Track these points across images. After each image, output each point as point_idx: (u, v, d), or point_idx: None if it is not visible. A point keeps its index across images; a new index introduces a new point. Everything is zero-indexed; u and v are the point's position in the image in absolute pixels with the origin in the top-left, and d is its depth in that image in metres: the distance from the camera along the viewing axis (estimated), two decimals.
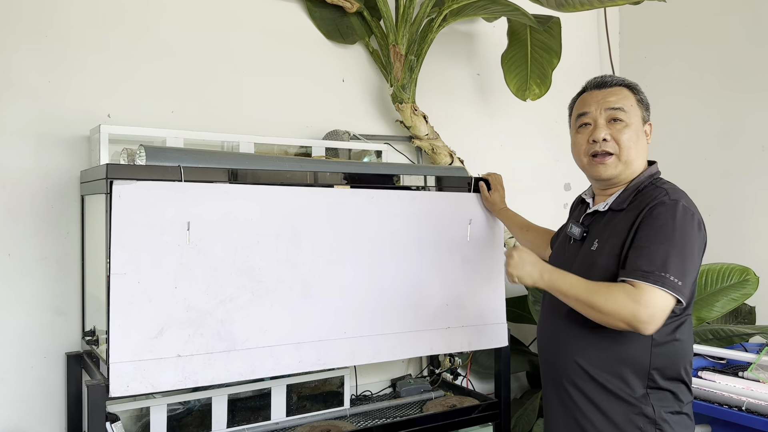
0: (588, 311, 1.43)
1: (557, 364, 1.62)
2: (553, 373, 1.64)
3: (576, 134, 1.65)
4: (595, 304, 1.41)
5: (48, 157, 2.06)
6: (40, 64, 2.06)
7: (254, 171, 1.82)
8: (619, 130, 1.56)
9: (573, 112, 1.69)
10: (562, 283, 1.47)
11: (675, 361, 1.51)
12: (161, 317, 1.66)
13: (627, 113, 1.57)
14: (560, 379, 1.61)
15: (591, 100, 1.61)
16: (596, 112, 1.59)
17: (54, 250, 2.06)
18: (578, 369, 1.56)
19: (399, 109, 2.51)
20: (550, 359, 1.67)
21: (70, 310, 2.07)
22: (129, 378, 1.62)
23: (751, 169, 2.82)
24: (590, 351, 1.55)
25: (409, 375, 2.64)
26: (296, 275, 1.86)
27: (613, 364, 1.51)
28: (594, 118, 1.59)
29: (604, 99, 1.59)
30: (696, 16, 3.05)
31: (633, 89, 1.62)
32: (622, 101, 1.58)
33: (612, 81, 1.62)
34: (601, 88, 1.62)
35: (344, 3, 2.49)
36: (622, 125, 1.57)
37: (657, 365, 1.49)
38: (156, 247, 1.65)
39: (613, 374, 1.51)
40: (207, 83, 2.33)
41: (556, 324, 1.64)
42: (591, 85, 1.65)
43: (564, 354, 1.60)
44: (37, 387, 2.03)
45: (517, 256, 1.54)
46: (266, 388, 2.09)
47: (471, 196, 2.18)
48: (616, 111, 1.57)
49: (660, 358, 1.49)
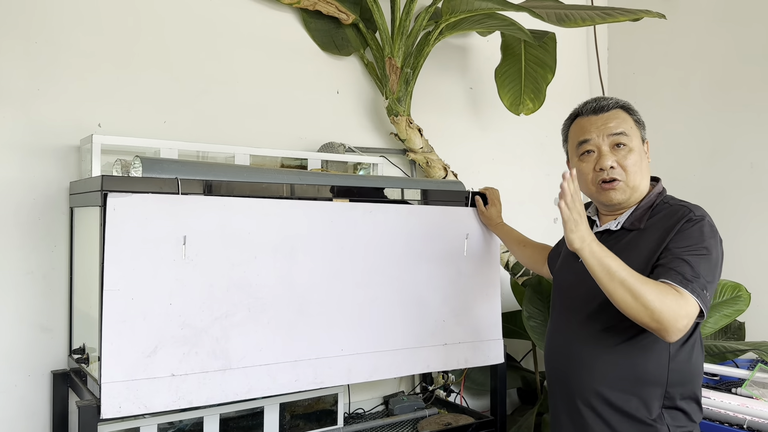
0: (627, 299, 1.34)
1: (571, 384, 1.58)
2: (566, 392, 1.60)
3: (579, 162, 1.62)
4: (642, 294, 1.33)
5: (35, 167, 1.99)
6: (28, 70, 2.00)
7: (252, 184, 1.77)
8: (624, 156, 1.55)
9: (570, 137, 1.66)
10: (611, 261, 1.37)
11: (690, 379, 1.50)
12: (155, 335, 1.61)
13: (629, 137, 1.56)
14: (573, 399, 1.57)
15: (590, 126, 1.59)
16: (598, 139, 1.57)
17: (41, 264, 1.98)
18: (595, 390, 1.52)
19: (394, 121, 2.49)
20: (562, 378, 1.63)
21: (56, 327, 2.00)
22: (121, 398, 1.56)
23: (740, 186, 2.85)
24: (608, 370, 1.51)
25: (402, 392, 2.60)
26: (293, 291, 1.81)
27: (631, 384, 1.48)
28: (597, 145, 1.57)
29: (604, 125, 1.57)
30: (683, 34, 3.09)
31: (629, 110, 1.61)
32: (622, 125, 1.57)
33: (608, 104, 1.60)
34: (599, 113, 1.59)
35: (340, 14, 2.46)
36: (626, 150, 1.55)
37: (674, 383, 1.47)
38: (151, 261, 1.60)
39: (631, 394, 1.48)
40: (200, 93, 2.28)
41: (570, 342, 1.61)
42: (587, 110, 1.62)
43: (579, 373, 1.56)
44: (21, 407, 1.95)
45: (577, 215, 1.39)
46: (259, 407, 2.04)
47: (468, 210, 2.16)
48: (619, 136, 1.55)
49: (676, 375, 1.48)
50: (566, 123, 1.70)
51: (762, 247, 2.79)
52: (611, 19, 2.08)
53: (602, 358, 1.52)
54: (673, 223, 1.48)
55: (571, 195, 1.37)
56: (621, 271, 1.35)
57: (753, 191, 2.80)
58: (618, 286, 1.35)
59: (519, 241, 2.08)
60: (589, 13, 2.14)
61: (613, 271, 1.36)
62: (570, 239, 1.39)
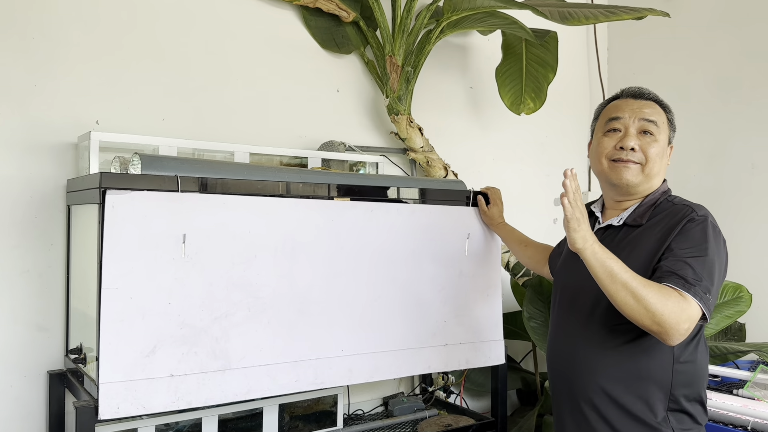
0: (629, 301, 1.33)
1: (575, 386, 1.56)
2: (570, 394, 1.58)
3: (602, 137, 1.60)
4: (644, 297, 1.31)
5: (32, 164, 1.96)
6: (25, 66, 1.97)
7: (253, 182, 1.75)
8: (648, 142, 1.54)
9: (602, 115, 1.64)
10: (612, 263, 1.35)
11: (694, 381, 1.48)
12: (154, 334, 1.58)
13: (658, 128, 1.55)
14: (577, 401, 1.55)
15: (626, 107, 1.58)
16: (629, 120, 1.56)
17: (37, 263, 1.96)
18: (600, 391, 1.50)
19: (394, 120, 2.47)
20: (565, 380, 1.61)
21: (52, 326, 1.97)
22: (119, 399, 1.53)
23: (741, 187, 2.84)
24: (612, 372, 1.49)
25: (402, 393, 2.58)
26: (294, 291, 1.79)
27: (636, 385, 1.47)
28: (626, 125, 1.56)
29: (639, 109, 1.56)
30: (684, 34, 3.08)
31: (666, 108, 1.61)
32: (656, 115, 1.56)
33: (649, 94, 1.60)
34: (638, 98, 1.59)
35: (340, 12, 2.44)
36: (651, 139, 1.55)
37: (678, 384, 1.46)
38: (150, 260, 1.58)
39: (636, 395, 1.47)
40: (199, 91, 2.26)
41: (573, 343, 1.59)
42: (627, 93, 1.62)
43: (583, 375, 1.54)
44: (16, 408, 1.92)
45: (579, 213, 1.37)
46: (258, 408, 2.01)
47: (469, 210, 2.14)
48: (650, 123, 1.55)
49: (681, 376, 1.46)
50: (603, 103, 1.68)
51: (763, 248, 2.79)
52: (615, 17, 2.07)
53: (606, 360, 1.51)
54: (675, 223, 1.46)
55: (573, 192, 1.36)
56: (623, 273, 1.34)
57: (754, 192, 2.79)
58: (620, 288, 1.34)
59: (520, 241, 2.06)
60: (593, 12, 2.12)
61: (615, 273, 1.34)
62: (572, 239, 1.37)
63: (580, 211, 1.37)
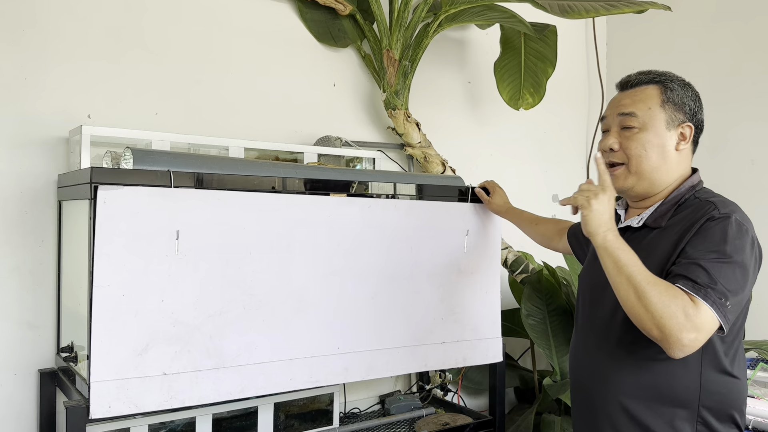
0: (630, 297, 1.22)
1: (594, 399, 1.46)
2: (588, 408, 1.49)
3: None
4: (646, 293, 1.20)
5: (22, 159, 1.93)
6: (16, 59, 1.93)
7: (247, 177, 1.72)
8: (627, 137, 1.42)
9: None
10: (623, 254, 1.24)
11: (727, 399, 1.34)
12: (146, 333, 1.55)
13: (638, 118, 1.41)
14: (595, 415, 1.45)
15: (612, 104, 1.49)
16: (610, 119, 1.46)
17: (27, 260, 1.92)
18: (619, 408, 1.40)
19: (391, 115, 2.44)
20: (587, 394, 1.50)
21: (43, 324, 1.94)
22: (111, 398, 1.50)
23: (740, 183, 2.81)
24: (633, 387, 1.38)
25: (398, 391, 2.56)
26: (289, 288, 1.76)
27: (658, 403, 1.35)
28: (609, 125, 1.47)
29: (619, 102, 1.46)
30: (683, 28, 3.05)
31: (664, 85, 1.43)
32: (637, 104, 1.42)
33: (638, 80, 1.45)
34: (624, 89, 1.47)
35: (337, 5, 2.41)
36: (631, 132, 1.42)
37: (707, 404, 1.33)
38: (142, 257, 1.54)
39: (658, 414, 1.35)
40: (192, 84, 2.22)
41: (594, 353, 1.47)
42: (617, 85, 1.51)
43: (603, 388, 1.43)
44: (7, 407, 1.89)
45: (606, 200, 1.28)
46: (253, 407, 1.99)
47: (468, 206, 2.11)
48: (626, 117, 1.42)
49: (710, 394, 1.33)
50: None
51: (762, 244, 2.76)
52: (615, 10, 2.04)
53: (626, 373, 1.39)
54: (694, 222, 1.33)
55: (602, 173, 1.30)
56: (631, 266, 1.23)
57: (753, 188, 2.77)
58: (624, 281, 1.23)
59: (530, 220, 2.01)
60: (593, 5, 2.09)
61: (623, 264, 1.23)
62: (583, 219, 1.30)
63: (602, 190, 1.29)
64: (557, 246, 1.90)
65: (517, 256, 2.65)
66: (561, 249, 1.89)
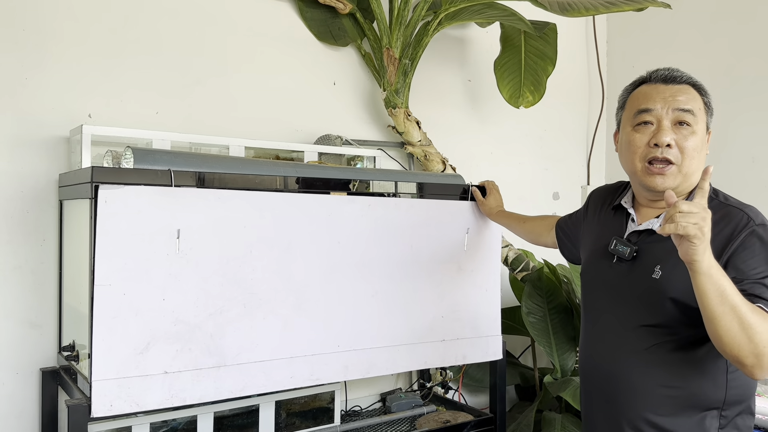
0: (734, 327, 1.15)
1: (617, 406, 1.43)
2: (609, 414, 1.45)
3: (632, 132, 1.42)
4: (752, 325, 1.15)
5: (23, 159, 1.93)
6: (16, 59, 1.93)
7: (248, 176, 1.73)
8: (685, 136, 1.37)
9: (629, 104, 1.47)
10: (725, 281, 1.16)
11: (746, 395, 1.36)
12: (148, 331, 1.56)
13: (695, 117, 1.38)
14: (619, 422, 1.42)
15: (656, 95, 1.40)
16: (662, 111, 1.38)
17: (29, 259, 1.93)
18: (643, 414, 1.38)
19: (392, 114, 2.44)
20: (604, 398, 1.47)
21: (45, 323, 1.94)
22: (113, 396, 1.51)
23: (742, 181, 2.81)
24: (659, 395, 1.36)
25: (399, 389, 2.56)
26: (289, 286, 1.77)
27: (685, 407, 1.34)
28: (658, 117, 1.38)
29: (672, 97, 1.38)
30: (684, 26, 3.05)
31: (701, 91, 1.43)
32: (691, 102, 1.38)
33: (681, 77, 1.42)
34: (669, 83, 1.41)
35: (337, 4, 2.41)
36: (689, 131, 1.37)
37: (730, 403, 1.34)
38: (143, 256, 1.55)
39: (686, 417, 1.34)
40: (193, 84, 2.23)
41: (615, 357, 1.44)
42: (657, 77, 1.43)
43: (627, 395, 1.41)
44: (9, 405, 1.90)
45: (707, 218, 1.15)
46: (254, 405, 1.99)
47: (468, 204, 2.12)
48: (685, 114, 1.37)
49: (734, 393, 1.34)
50: (627, 89, 1.50)
51: None
52: (615, 8, 2.04)
53: (653, 378, 1.37)
54: (731, 232, 1.30)
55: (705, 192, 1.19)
56: (734, 295, 1.16)
57: (755, 186, 2.77)
58: (727, 312, 1.15)
59: (519, 219, 2.02)
60: (593, 2, 2.09)
61: (727, 295, 1.15)
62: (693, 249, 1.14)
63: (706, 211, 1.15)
64: (546, 241, 1.90)
65: (518, 254, 2.65)
66: (550, 244, 1.89)
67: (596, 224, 1.62)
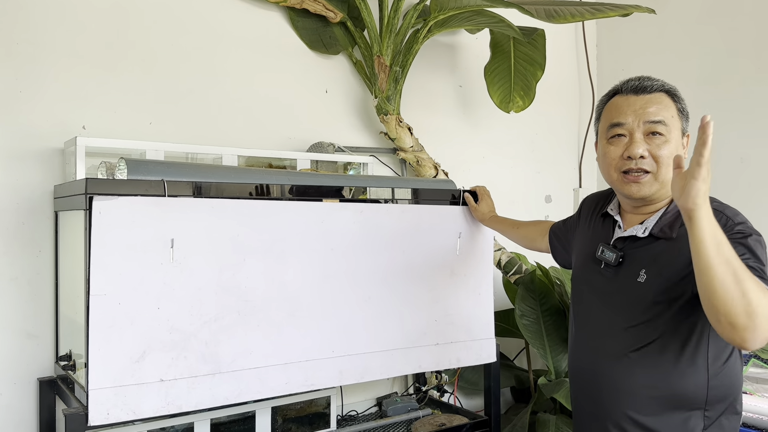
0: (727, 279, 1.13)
1: (602, 405, 1.47)
2: (594, 413, 1.49)
3: (607, 145, 1.46)
4: (744, 279, 1.13)
5: (18, 171, 1.95)
6: (10, 71, 1.96)
7: (240, 185, 1.75)
8: (658, 145, 1.39)
9: (603, 116, 1.50)
10: (720, 233, 1.15)
11: (729, 394, 1.38)
12: (143, 340, 1.58)
13: (667, 126, 1.40)
14: (603, 422, 1.46)
15: (627, 108, 1.43)
16: (633, 124, 1.41)
17: (25, 270, 1.95)
18: (627, 413, 1.41)
19: (384, 120, 2.47)
20: (590, 397, 1.51)
21: (42, 333, 1.96)
22: (109, 405, 1.53)
23: (730, 181, 2.84)
24: (643, 395, 1.39)
25: (395, 393, 2.58)
26: (283, 293, 1.79)
27: (669, 406, 1.37)
28: (630, 130, 1.42)
29: (642, 109, 1.41)
30: (672, 29, 3.08)
31: (674, 97, 1.44)
32: (662, 112, 1.41)
33: (652, 86, 1.43)
34: (639, 93, 1.43)
35: (327, 13, 2.44)
36: (662, 140, 1.39)
37: (713, 402, 1.36)
38: (138, 265, 1.57)
39: (668, 417, 1.37)
40: (186, 94, 2.25)
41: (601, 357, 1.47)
42: (627, 88, 1.45)
43: (611, 394, 1.44)
44: (7, 415, 1.91)
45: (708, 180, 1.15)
46: (250, 411, 2.01)
47: (460, 209, 2.14)
48: (657, 125, 1.39)
49: (716, 392, 1.36)
50: (603, 99, 1.53)
51: None
52: (600, 14, 2.07)
53: (637, 379, 1.40)
54: None
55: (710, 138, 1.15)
56: (730, 250, 1.15)
57: (743, 186, 2.80)
58: (723, 263, 1.13)
59: (512, 225, 2.04)
60: (579, 9, 2.12)
61: (723, 245, 1.14)
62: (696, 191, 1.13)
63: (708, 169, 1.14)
64: (540, 246, 1.92)
65: (511, 257, 2.68)
66: (544, 249, 1.91)
67: (587, 230, 1.65)
